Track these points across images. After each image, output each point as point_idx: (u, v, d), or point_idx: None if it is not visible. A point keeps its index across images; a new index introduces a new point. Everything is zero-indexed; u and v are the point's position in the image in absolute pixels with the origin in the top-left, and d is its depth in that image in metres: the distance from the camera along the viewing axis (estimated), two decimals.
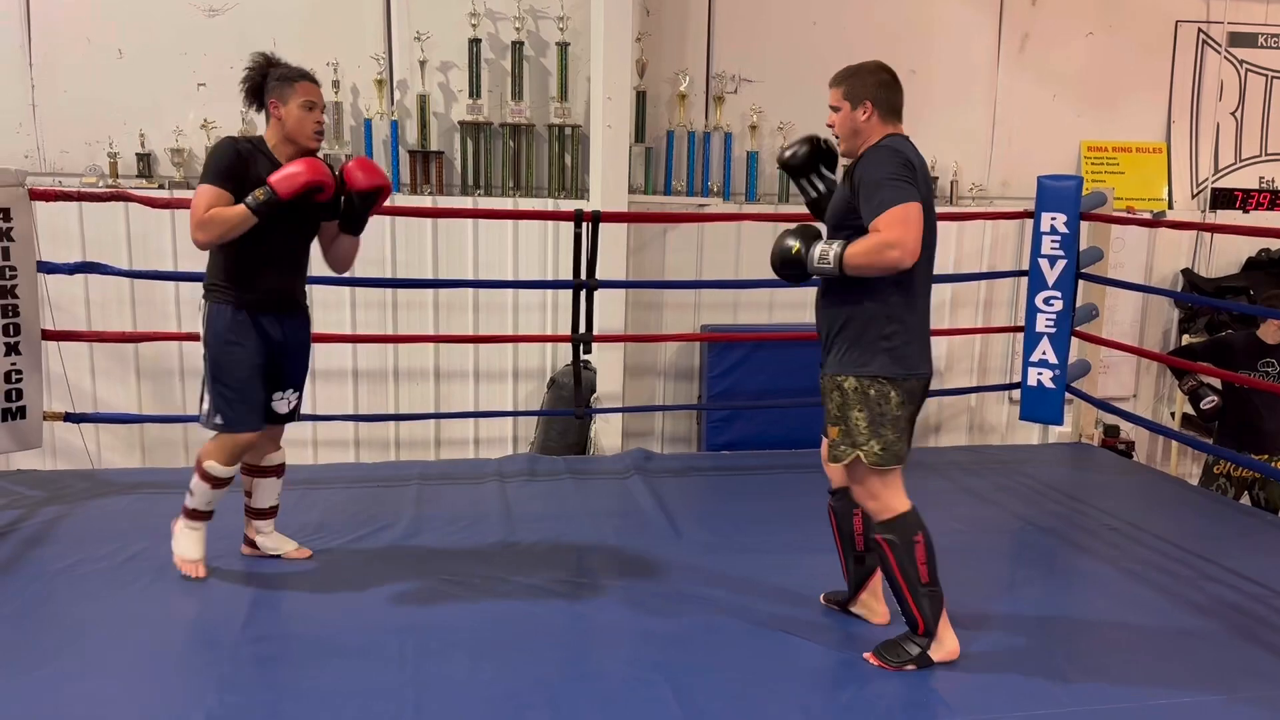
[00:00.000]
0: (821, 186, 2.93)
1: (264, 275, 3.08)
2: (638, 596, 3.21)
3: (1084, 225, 4.97)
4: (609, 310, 5.04)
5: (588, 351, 4.83)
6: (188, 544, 3.22)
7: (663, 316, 5.65)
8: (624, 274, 5.15)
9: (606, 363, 5.19)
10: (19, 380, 3.87)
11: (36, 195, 3.92)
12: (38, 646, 2.79)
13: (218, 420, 3.09)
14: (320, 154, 3.16)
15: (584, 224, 4.58)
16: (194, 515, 3.21)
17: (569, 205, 5.21)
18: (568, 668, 2.76)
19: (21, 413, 3.90)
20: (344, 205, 3.12)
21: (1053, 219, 4.83)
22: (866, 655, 2.79)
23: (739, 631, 2.99)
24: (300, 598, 3.15)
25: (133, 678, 2.65)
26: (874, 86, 2.70)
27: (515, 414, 5.51)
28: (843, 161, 2.85)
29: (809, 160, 2.93)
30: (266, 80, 3.06)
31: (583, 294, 4.64)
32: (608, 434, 5.20)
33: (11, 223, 3.77)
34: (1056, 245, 4.83)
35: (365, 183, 3.06)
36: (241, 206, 2.92)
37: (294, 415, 3.30)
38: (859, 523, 2.94)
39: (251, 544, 3.42)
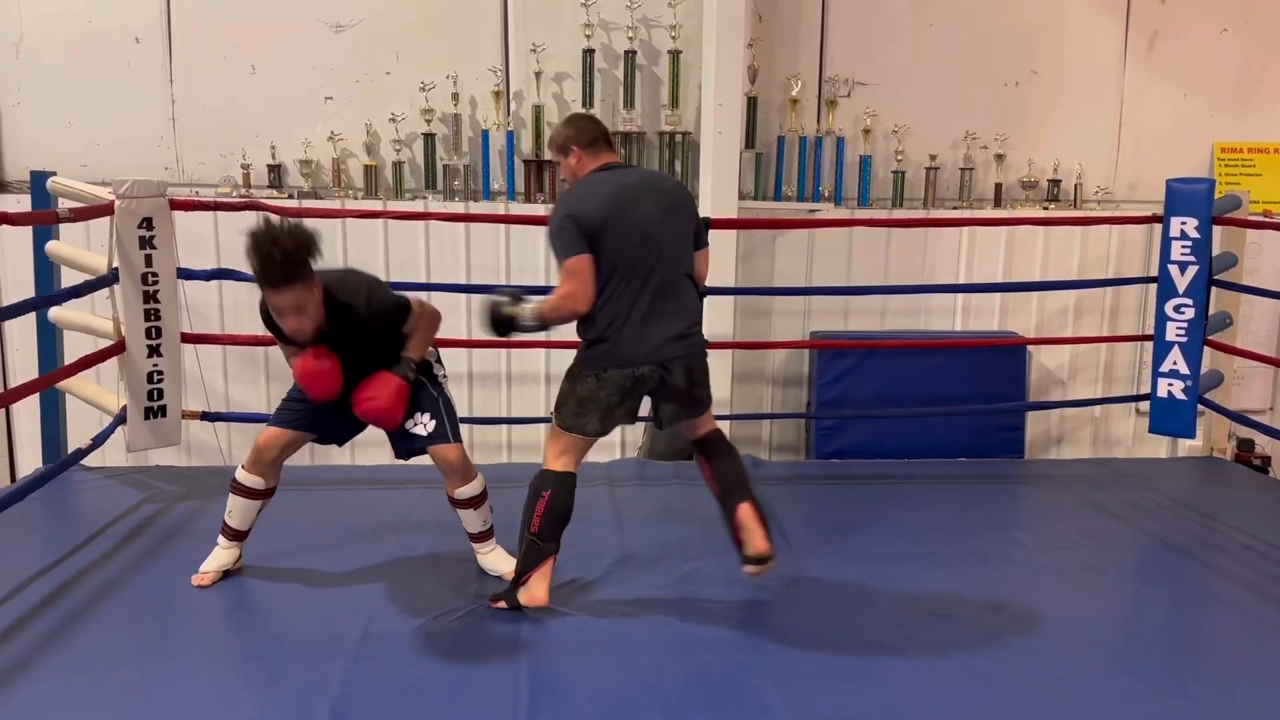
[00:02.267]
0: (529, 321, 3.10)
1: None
2: (747, 603, 3.20)
3: (1217, 229, 4.75)
4: (717, 316, 5.04)
5: None
6: (211, 556, 3.33)
7: (771, 323, 5.62)
8: (733, 280, 5.15)
9: (715, 368, 5.15)
10: (160, 381, 4.10)
11: (176, 205, 4.14)
12: (177, 634, 2.95)
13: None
14: (440, 164, 3.25)
15: None
16: (223, 529, 3.32)
17: None
18: (678, 671, 2.77)
19: (162, 411, 4.12)
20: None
21: (1183, 223, 4.63)
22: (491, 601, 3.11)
23: (850, 642, 2.95)
24: (420, 594, 3.24)
25: (263, 666, 2.78)
26: (574, 134, 3.15)
27: None
28: None
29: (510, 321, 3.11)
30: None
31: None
32: None
33: (154, 231, 3.99)
34: (1187, 250, 4.63)
35: (387, 422, 3.16)
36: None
37: (435, 437, 3.25)
38: (707, 470, 3.25)
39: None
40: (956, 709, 2.61)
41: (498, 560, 3.41)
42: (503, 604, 3.10)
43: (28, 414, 4.98)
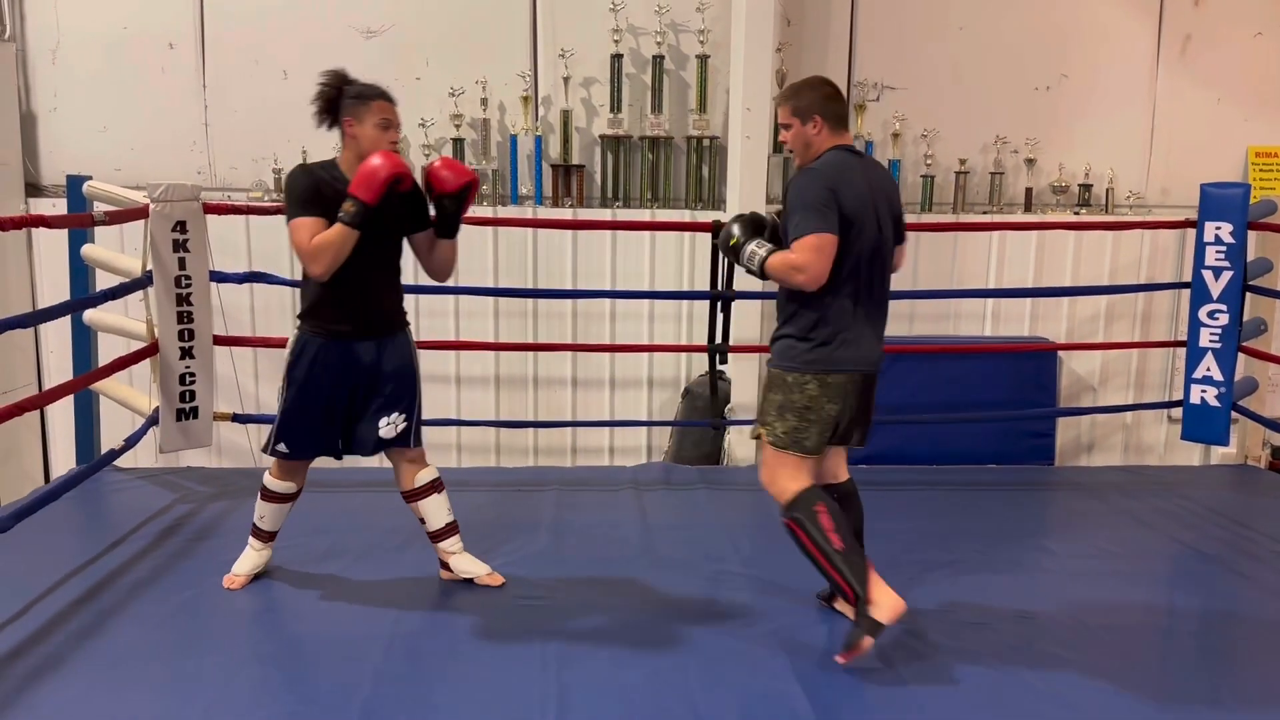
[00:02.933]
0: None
1: (360, 292, 3.01)
2: (775, 609, 3.19)
3: (1252, 235, 4.69)
4: (745, 321, 5.03)
5: (724, 362, 4.83)
6: (242, 559, 3.32)
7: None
8: (761, 285, 5.13)
9: (742, 373, 5.18)
10: (192, 382, 4.14)
11: (209, 209, 4.18)
12: (208, 634, 2.98)
13: (280, 448, 3.13)
14: (473, 168, 3.22)
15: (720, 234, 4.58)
16: (255, 533, 3.31)
17: (706, 216, 5.23)
18: (706, 676, 2.76)
19: (194, 413, 4.16)
20: (435, 210, 3.08)
21: (1217, 228, 4.58)
22: (838, 658, 2.78)
23: (880, 649, 2.93)
24: (447, 597, 3.25)
25: (294, 666, 2.80)
26: (821, 101, 2.84)
27: (651, 423, 5.56)
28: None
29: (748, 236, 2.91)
30: (341, 98, 2.99)
31: (719, 304, 4.65)
32: (742, 445, 5.19)
33: (188, 235, 4.04)
34: (1221, 256, 4.57)
35: (454, 183, 3.00)
36: (338, 225, 2.86)
37: (405, 439, 3.17)
38: (826, 519, 2.89)
39: (446, 567, 3.35)
40: (988, 718, 2.59)
41: (471, 563, 3.32)
42: (867, 641, 2.73)
43: (62, 415, 5.04)
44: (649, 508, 4.22)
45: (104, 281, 4.31)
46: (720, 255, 4.60)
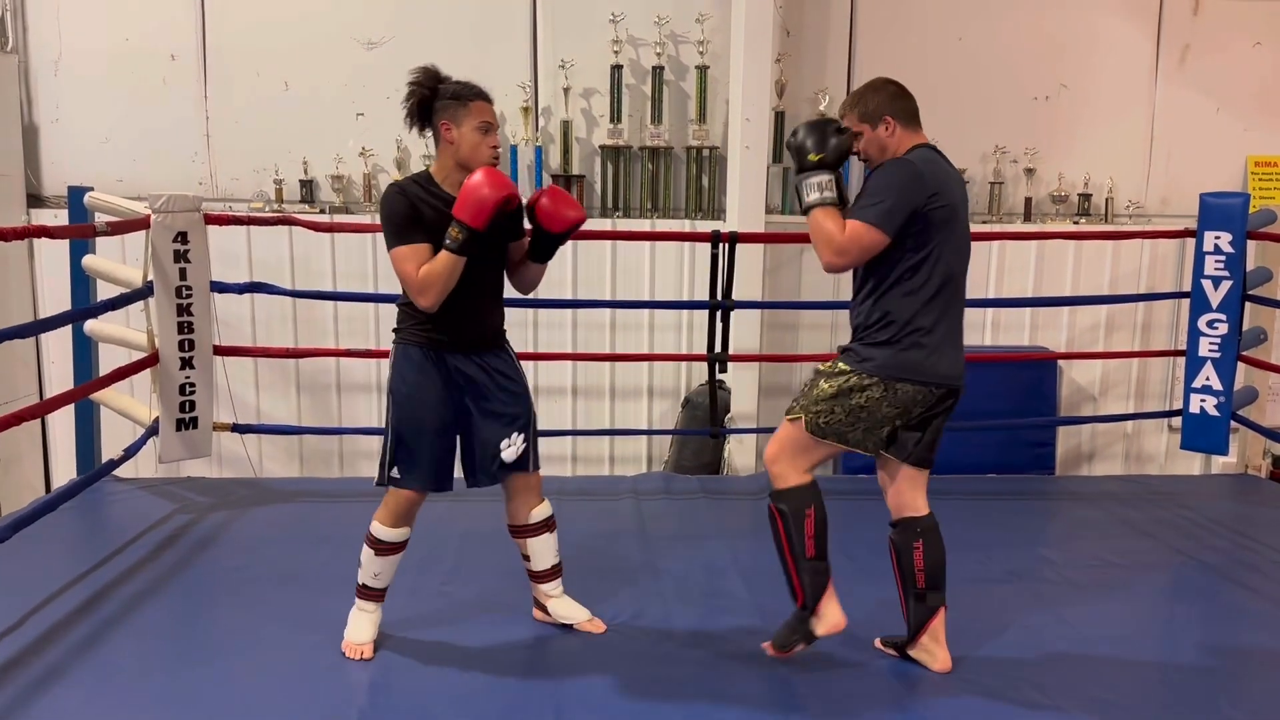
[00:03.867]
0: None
1: (462, 312, 2.77)
2: (775, 619, 3.17)
3: (1251, 244, 4.70)
4: (745, 330, 5.03)
5: (723, 371, 4.83)
6: (356, 626, 2.94)
7: (798, 337, 5.61)
8: (760, 294, 5.15)
9: (741, 383, 5.19)
10: (192, 392, 4.15)
11: (211, 220, 4.19)
12: (206, 646, 2.98)
13: (394, 474, 2.83)
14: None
15: (721, 244, 4.60)
16: (365, 594, 2.93)
17: (706, 226, 5.24)
18: (704, 685, 2.76)
19: (194, 423, 4.17)
20: (536, 237, 2.86)
21: (1216, 238, 4.58)
22: (764, 645, 2.81)
23: (879, 660, 2.93)
24: (444, 608, 3.25)
25: (293, 676, 2.79)
26: (888, 100, 2.69)
27: (650, 433, 5.56)
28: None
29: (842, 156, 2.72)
30: (435, 98, 2.74)
31: (719, 314, 4.66)
32: (741, 454, 5.20)
33: (189, 245, 4.05)
34: (1221, 265, 4.58)
35: (562, 224, 2.81)
36: (444, 254, 2.64)
37: (525, 462, 2.92)
38: (919, 557, 2.81)
39: (542, 609, 3.13)
40: None
41: (571, 608, 3.10)
42: (799, 646, 2.77)
43: (63, 425, 5.05)
44: (649, 517, 4.22)
45: (105, 292, 4.33)
46: (719, 264, 4.60)
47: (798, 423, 2.72)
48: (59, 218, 5.09)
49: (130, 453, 4.18)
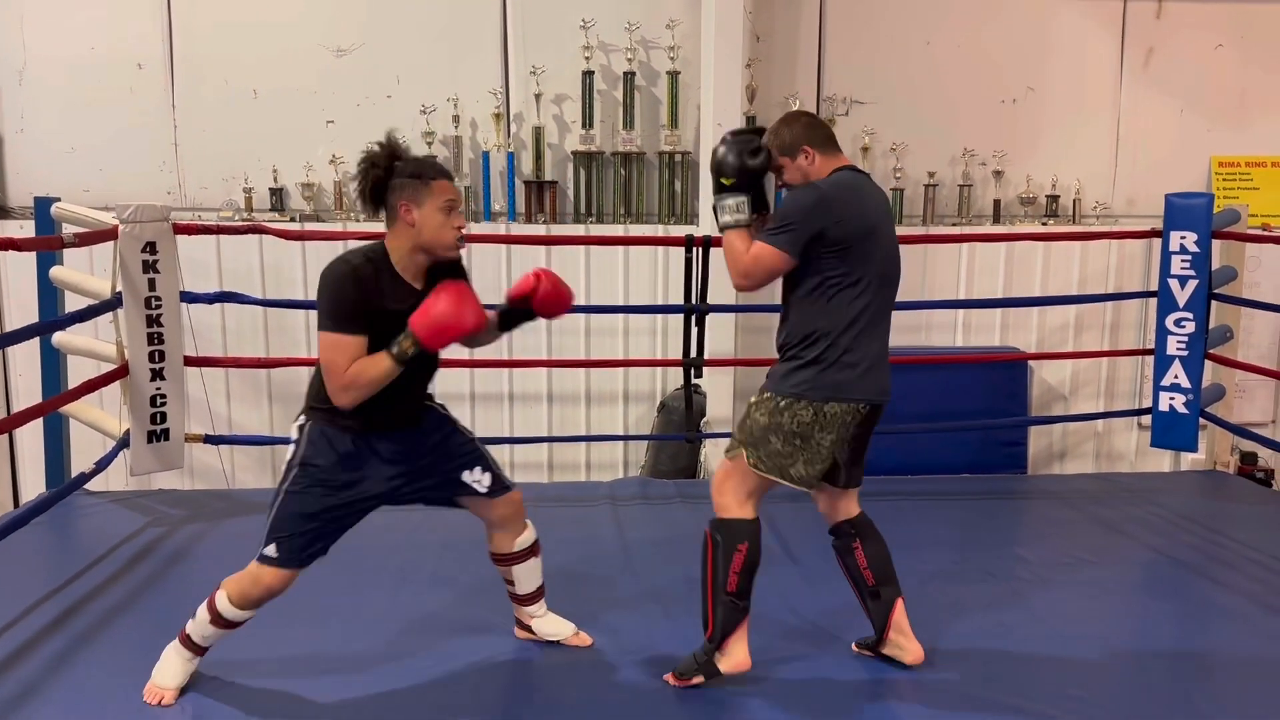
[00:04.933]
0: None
1: (397, 393, 2.54)
2: (755, 628, 3.18)
3: (1216, 244, 4.77)
4: (720, 334, 5.06)
5: (698, 376, 4.84)
6: (169, 669, 2.71)
7: (772, 340, 5.61)
8: (734, 299, 5.15)
9: (717, 386, 5.20)
10: (163, 404, 4.11)
11: (179, 229, 4.16)
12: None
13: (270, 552, 2.57)
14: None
15: (694, 249, 4.61)
16: (188, 643, 2.71)
17: (679, 231, 5.25)
18: (686, 693, 2.76)
19: (165, 435, 4.13)
20: (514, 314, 2.69)
21: (1182, 238, 4.64)
22: (666, 677, 2.79)
23: (853, 663, 2.95)
24: (419, 616, 3.23)
25: (266, 692, 2.77)
26: (803, 131, 2.73)
27: (627, 438, 5.56)
28: None
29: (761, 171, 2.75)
30: (390, 176, 2.51)
31: (693, 318, 4.67)
32: (718, 458, 5.17)
33: (158, 255, 4.01)
34: (1187, 265, 4.64)
35: (559, 313, 2.72)
36: (386, 361, 2.43)
37: (502, 484, 2.82)
38: (861, 556, 2.85)
39: (525, 628, 3.05)
40: None
41: (556, 624, 3.04)
42: (698, 679, 2.76)
43: (31, 438, 4.99)
44: (626, 523, 4.22)
45: (73, 303, 4.28)
46: (693, 269, 4.62)
47: (738, 459, 2.71)
48: (25, 229, 5.00)
49: (101, 466, 4.13)
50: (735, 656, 2.74)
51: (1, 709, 2.62)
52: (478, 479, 2.76)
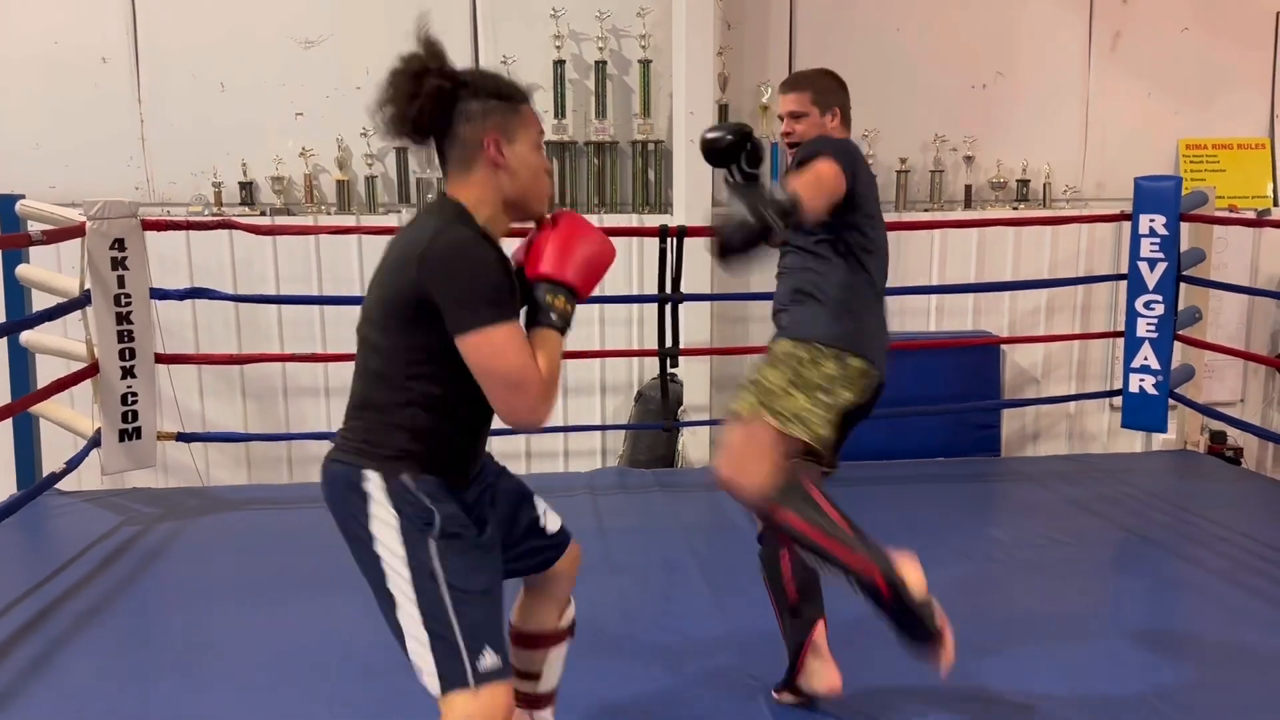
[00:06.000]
0: (738, 179, 2.58)
1: (469, 442, 1.88)
2: (732, 609, 3.21)
3: (1184, 226, 4.83)
4: (695, 323, 5.06)
5: (674, 365, 4.85)
6: None
7: (748, 329, 5.64)
8: (709, 287, 5.17)
9: (693, 375, 5.21)
10: (135, 402, 4.07)
11: (148, 225, 4.11)
12: (157, 659, 2.93)
13: (485, 664, 1.73)
14: (414, 177, 2.30)
15: (669, 239, 4.61)
16: None
17: (653, 220, 5.25)
18: (663, 678, 2.78)
19: (137, 433, 4.09)
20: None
21: (1151, 220, 4.70)
22: (936, 669, 2.31)
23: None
24: None
25: (247, 691, 2.76)
26: (842, 94, 2.63)
27: (604, 428, 5.56)
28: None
29: (732, 150, 2.55)
30: (457, 100, 1.80)
31: (668, 308, 4.67)
32: (695, 446, 5.22)
33: (126, 252, 3.97)
34: (1156, 247, 4.70)
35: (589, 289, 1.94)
36: (554, 337, 1.81)
37: (565, 530, 2.14)
38: (787, 566, 2.52)
39: None
40: (942, 707, 2.63)
41: None
42: (931, 616, 2.30)
43: None
44: (605, 512, 4.24)
45: (40, 301, 4.23)
46: (668, 256, 4.62)
47: (754, 424, 2.35)
48: None
49: (72, 465, 4.09)
50: (911, 574, 2.31)
51: None
52: (545, 518, 2.10)
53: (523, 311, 1.85)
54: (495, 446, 1.99)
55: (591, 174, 5.49)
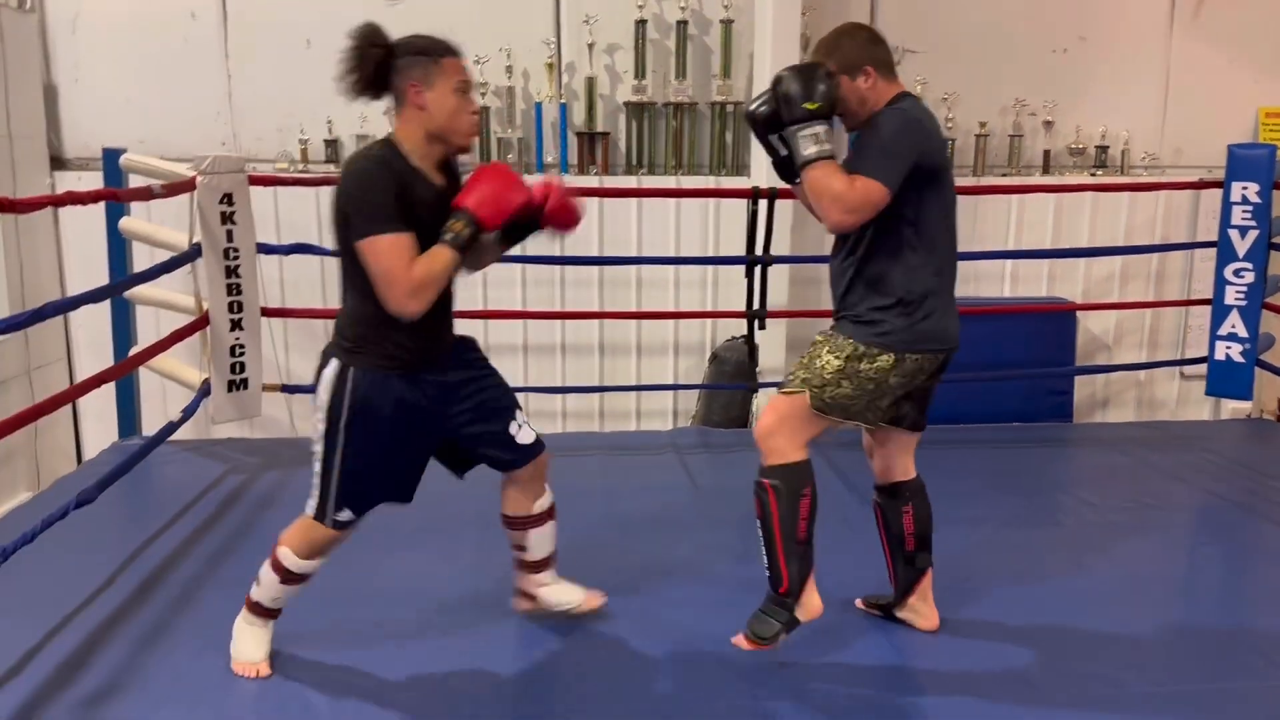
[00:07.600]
0: (785, 151, 2.53)
1: (437, 316, 2.38)
2: (834, 571, 3.23)
3: (1277, 195, 4.81)
4: (773, 286, 5.08)
5: (762, 328, 4.89)
6: (245, 643, 2.58)
7: (822, 291, 5.62)
8: (788, 249, 5.19)
9: (769, 338, 5.25)
10: (242, 354, 4.16)
11: (254, 180, 4.18)
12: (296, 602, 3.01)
13: (341, 516, 2.42)
14: (494, 137, 2.64)
15: (759, 201, 4.64)
16: (257, 610, 2.58)
17: (730, 183, 5.28)
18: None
19: (244, 384, 4.18)
20: (521, 229, 2.51)
21: (1244, 188, 4.68)
22: (735, 640, 2.57)
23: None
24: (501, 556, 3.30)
25: (374, 638, 2.82)
26: (866, 48, 2.48)
27: (681, 387, 5.61)
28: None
29: (774, 119, 2.49)
30: (393, 59, 2.32)
31: (757, 270, 4.70)
32: None
33: (234, 207, 4.04)
34: (1248, 215, 4.69)
35: (564, 227, 2.53)
36: (447, 252, 2.26)
37: (539, 441, 2.62)
38: (910, 521, 2.74)
39: (528, 597, 2.79)
40: (1044, 670, 2.70)
41: (566, 592, 2.77)
42: (781, 635, 2.54)
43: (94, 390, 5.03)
44: (694, 470, 4.30)
45: (140, 255, 4.31)
46: (757, 220, 4.64)
47: (798, 397, 2.49)
48: (83, 180, 4.99)
49: (187, 414, 4.19)
50: (810, 604, 2.56)
51: (141, 647, 2.71)
52: (519, 431, 2.56)
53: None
54: (571, 405, 2.15)
55: (670, 135, 5.50)
